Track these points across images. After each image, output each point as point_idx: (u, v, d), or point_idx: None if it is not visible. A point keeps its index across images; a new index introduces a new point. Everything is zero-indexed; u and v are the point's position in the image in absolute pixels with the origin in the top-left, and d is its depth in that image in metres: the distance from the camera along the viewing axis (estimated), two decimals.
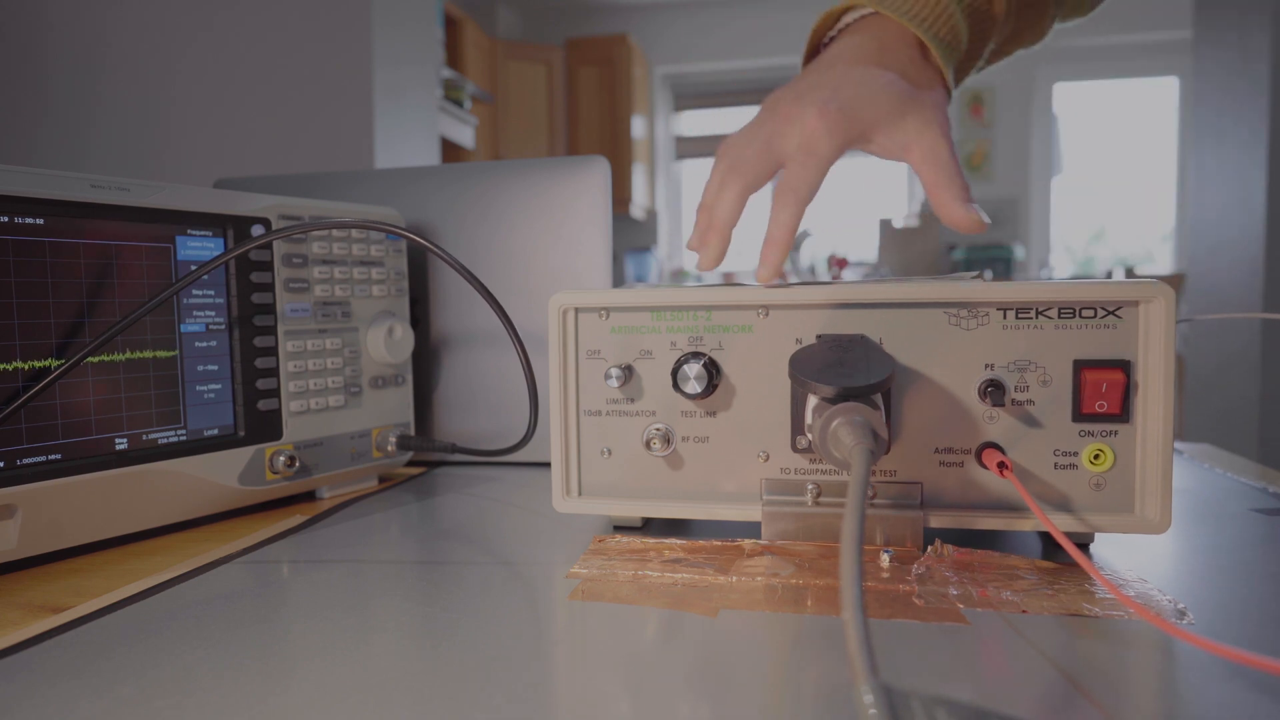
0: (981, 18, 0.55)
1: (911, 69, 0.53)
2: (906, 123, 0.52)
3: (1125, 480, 0.46)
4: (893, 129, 0.52)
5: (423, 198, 0.76)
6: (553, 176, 0.74)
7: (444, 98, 3.58)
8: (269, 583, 0.45)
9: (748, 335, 0.49)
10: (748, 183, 0.53)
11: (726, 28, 5.24)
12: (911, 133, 0.52)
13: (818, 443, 0.41)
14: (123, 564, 0.49)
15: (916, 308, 0.47)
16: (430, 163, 2.30)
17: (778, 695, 0.32)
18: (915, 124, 0.52)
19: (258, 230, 0.58)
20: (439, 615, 0.40)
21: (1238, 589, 0.42)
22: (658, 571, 0.45)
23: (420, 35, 2.21)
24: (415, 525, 0.56)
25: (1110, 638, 0.36)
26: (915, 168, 0.52)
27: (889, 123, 0.52)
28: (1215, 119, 2.49)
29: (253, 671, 0.34)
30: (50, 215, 0.48)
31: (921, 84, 0.53)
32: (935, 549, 0.46)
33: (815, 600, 0.41)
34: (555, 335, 0.51)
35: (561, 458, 0.51)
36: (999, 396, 0.46)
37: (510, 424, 0.75)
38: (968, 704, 0.24)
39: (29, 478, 0.46)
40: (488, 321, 0.75)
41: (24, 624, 0.40)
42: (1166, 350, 0.44)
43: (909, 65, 0.53)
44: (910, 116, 0.52)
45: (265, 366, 0.59)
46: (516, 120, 4.79)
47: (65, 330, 0.48)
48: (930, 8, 0.53)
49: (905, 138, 0.52)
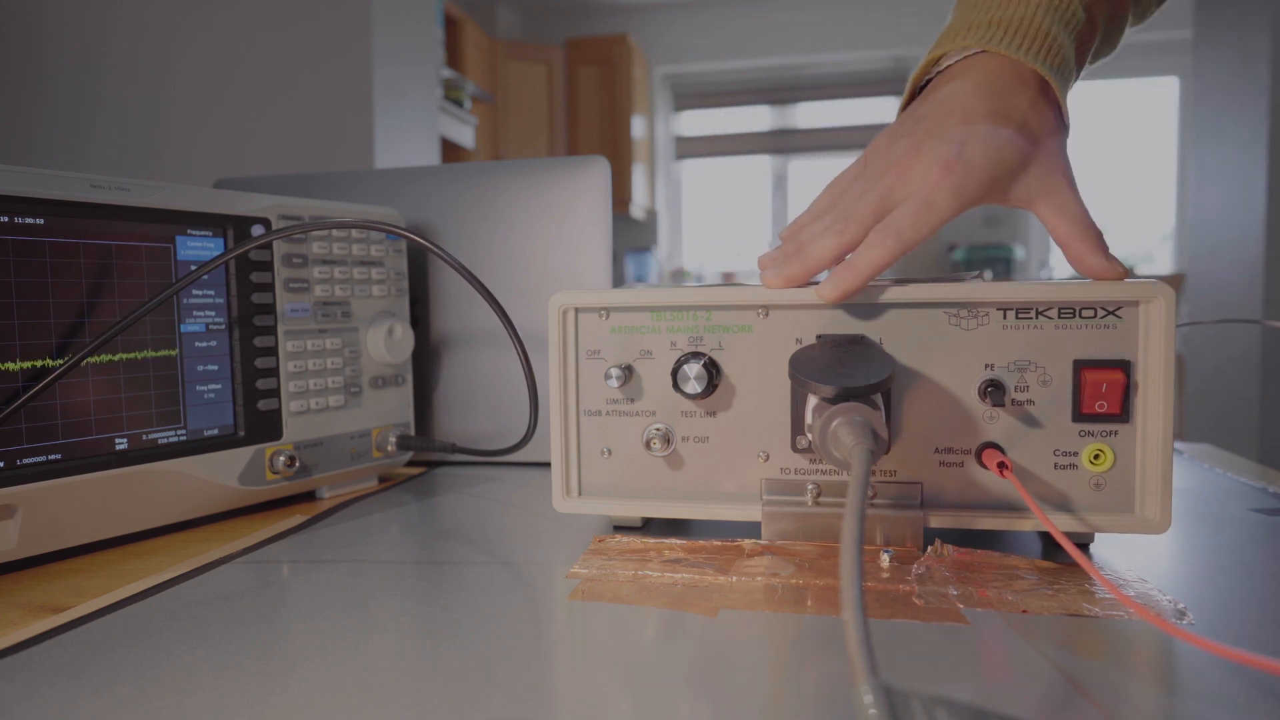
0: (1083, 38, 0.53)
1: (1031, 113, 0.50)
2: (1029, 176, 0.49)
3: (1125, 480, 0.46)
4: (1016, 183, 0.49)
5: (423, 198, 0.76)
6: (553, 176, 0.74)
7: (444, 98, 3.58)
8: (269, 583, 0.45)
9: (748, 335, 0.49)
10: (854, 237, 0.49)
11: (726, 28, 5.24)
12: (1035, 186, 0.49)
13: (818, 443, 0.41)
14: (123, 564, 0.49)
15: (916, 308, 0.47)
16: (430, 163, 2.30)
17: (778, 695, 0.32)
18: (1038, 175, 0.49)
19: (258, 230, 0.58)
20: (439, 615, 0.40)
21: (1238, 589, 0.42)
22: (658, 571, 0.45)
23: (420, 35, 2.21)
24: (415, 525, 0.56)
25: (1110, 638, 0.36)
26: (1043, 220, 0.50)
27: (1011, 178, 0.49)
28: (1215, 119, 2.49)
29: (253, 671, 0.34)
30: (50, 215, 0.48)
31: (1042, 130, 0.50)
32: (935, 549, 0.46)
33: (815, 600, 0.41)
34: (555, 335, 0.51)
35: (561, 458, 0.51)
36: (999, 396, 0.46)
37: (510, 424, 0.75)
38: (968, 704, 0.24)
39: (29, 478, 0.46)
40: (488, 321, 0.75)
41: (24, 624, 0.40)
42: (1166, 350, 0.44)
43: (1029, 110, 0.50)
44: (1033, 168, 0.49)
45: (265, 366, 0.59)
46: (516, 120, 4.79)
47: (65, 330, 0.48)
48: (1040, 39, 0.50)
49: (1029, 192, 0.50)
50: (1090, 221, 0.49)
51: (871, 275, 0.46)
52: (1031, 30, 0.51)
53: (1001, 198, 0.50)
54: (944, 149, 0.48)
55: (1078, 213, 0.49)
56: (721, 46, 5.30)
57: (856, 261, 0.47)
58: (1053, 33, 0.51)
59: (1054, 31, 0.51)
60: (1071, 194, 0.49)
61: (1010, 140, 0.49)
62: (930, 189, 0.47)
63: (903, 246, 0.47)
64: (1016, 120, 0.49)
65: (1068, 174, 0.50)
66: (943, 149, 0.48)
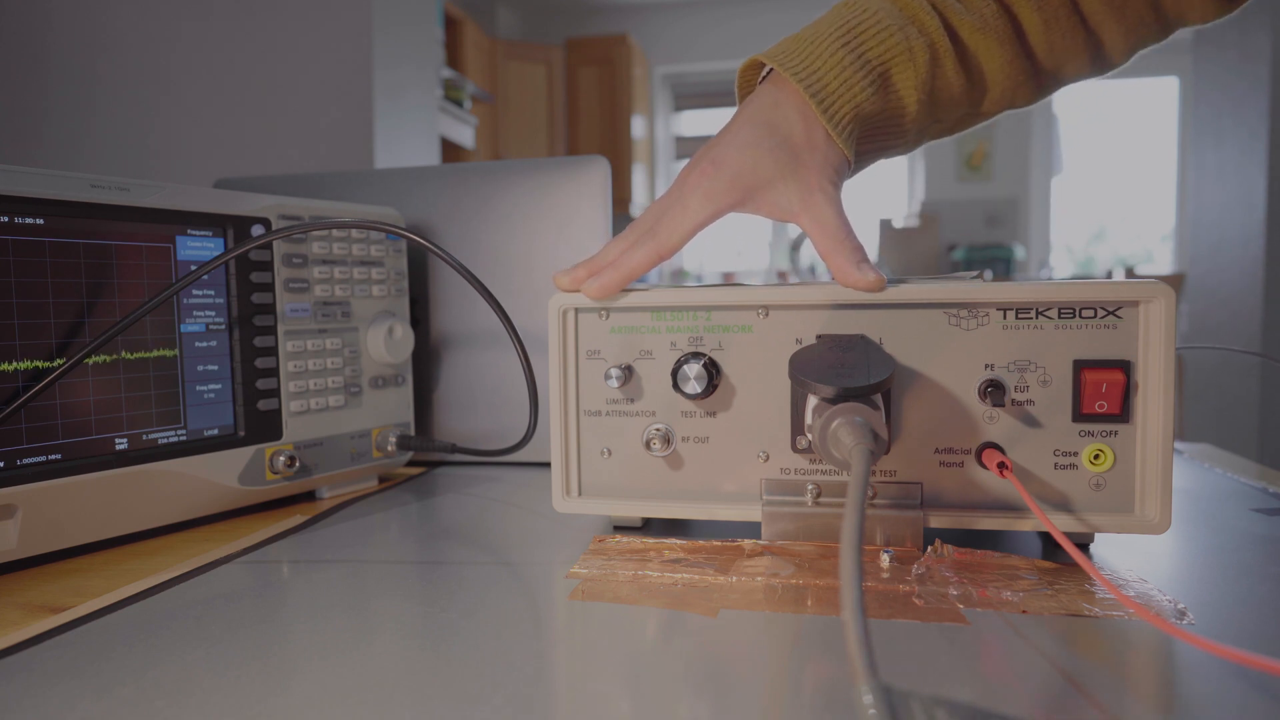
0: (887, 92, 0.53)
1: (802, 134, 0.51)
2: (789, 187, 0.50)
3: (1125, 480, 0.46)
4: (774, 194, 0.51)
5: (423, 198, 0.76)
6: (553, 176, 0.74)
7: (444, 98, 3.58)
8: (269, 583, 0.45)
9: (748, 335, 0.49)
10: (631, 243, 0.51)
11: (726, 27, 5.24)
12: (795, 199, 0.50)
13: (818, 443, 0.41)
14: (123, 564, 0.49)
15: (916, 308, 0.47)
16: (430, 163, 2.30)
17: (778, 695, 0.32)
18: (798, 189, 0.50)
19: (258, 230, 0.58)
20: (439, 615, 0.40)
21: (1238, 589, 0.42)
22: (658, 571, 0.45)
23: (420, 35, 2.21)
24: (415, 525, 0.56)
25: (1110, 638, 0.36)
26: (806, 233, 0.51)
27: (769, 188, 0.50)
28: (1215, 119, 2.49)
29: (253, 671, 0.34)
30: (50, 215, 0.48)
31: (809, 151, 0.51)
32: (935, 549, 0.46)
33: (815, 600, 0.41)
34: (555, 335, 0.51)
35: (561, 458, 0.51)
36: (999, 396, 0.46)
37: (510, 424, 0.75)
38: (968, 704, 0.24)
39: (29, 478, 0.46)
40: (488, 321, 0.75)
41: (24, 624, 0.40)
42: (1166, 350, 0.44)
43: (800, 131, 0.51)
44: (792, 181, 0.50)
45: (265, 366, 0.59)
46: (516, 120, 4.79)
47: (65, 330, 0.48)
48: (827, 70, 0.51)
49: (790, 204, 0.51)
50: (850, 235, 0.50)
51: (630, 275, 0.50)
52: (819, 61, 0.52)
53: (762, 207, 0.52)
54: (712, 153, 0.52)
55: (836, 225, 0.50)
56: (721, 46, 5.30)
57: (620, 261, 0.50)
58: (846, 73, 0.52)
59: (847, 71, 0.52)
60: (832, 210, 0.50)
61: (769, 152, 0.51)
62: (686, 192, 0.51)
63: (659, 248, 0.50)
64: (782, 136, 0.51)
65: (830, 195, 0.51)
66: (711, 153, 0.52)
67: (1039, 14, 0.55)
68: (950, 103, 0.56)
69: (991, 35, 0.54)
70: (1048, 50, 0.56)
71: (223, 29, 1.89)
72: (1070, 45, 0.56)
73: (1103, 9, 0.55)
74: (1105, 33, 0.56)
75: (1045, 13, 0.55)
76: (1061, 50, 0.56)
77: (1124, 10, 0.55)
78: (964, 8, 0.54)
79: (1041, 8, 0.54)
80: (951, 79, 0.54)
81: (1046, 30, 0.55)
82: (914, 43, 0.53)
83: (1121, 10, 0.55)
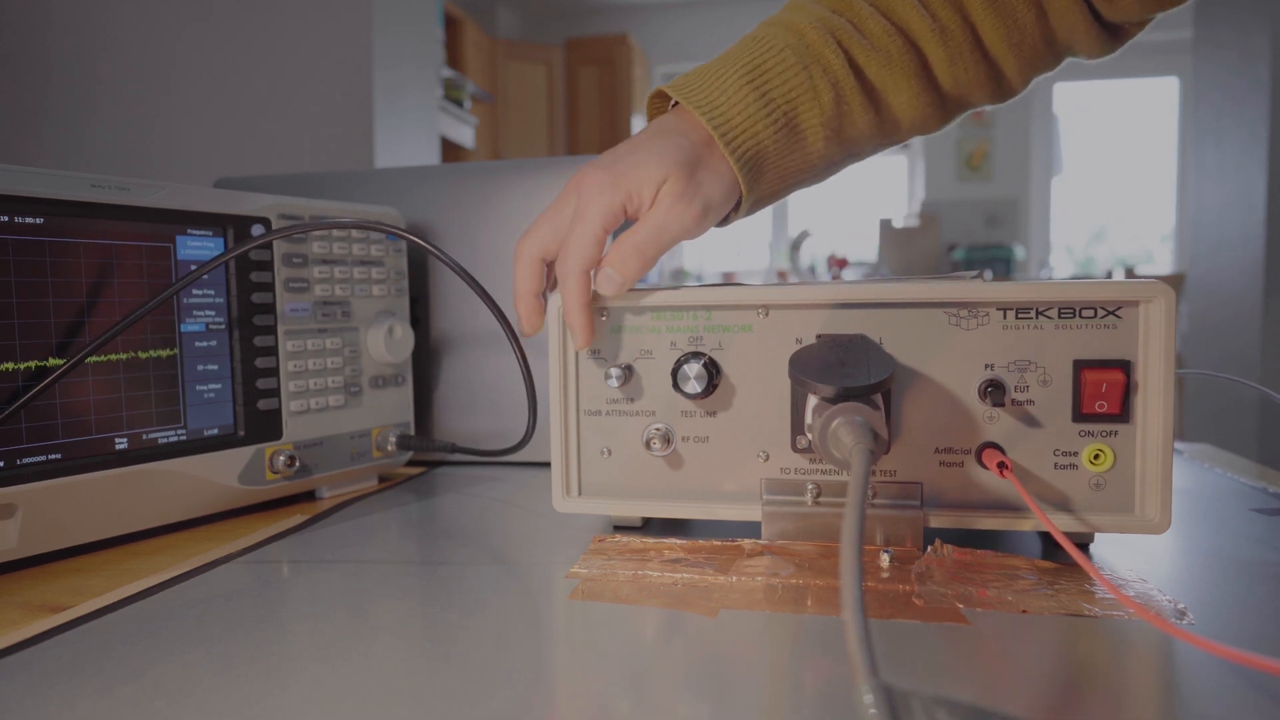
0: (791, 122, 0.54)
1: (705, 150, 0.51)
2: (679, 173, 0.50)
3: (1125, 480, 0.46)
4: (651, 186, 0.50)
5: (423, 198, 0.76)
6: (553, 176, 0.74)
7: (444, 97, 3.58)
8: (269, 583, 0.45)
9: (748, 335, 0.49)
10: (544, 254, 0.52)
11: (726, 27, 5.24)
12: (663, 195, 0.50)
13: (818, 443, 0.41)
14: (123, 564, 0.49)
15: (916, 308, 0.47)
16: (430, 163, 2.30)
17: (778, 695, 0.32)
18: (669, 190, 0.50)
19: (258, 230, 0.58)
20: (439, 615, 0.40)
21: (1238, 589, 0.42)
22: (658, 571, 0.45)
23: (420, 35, 2.21)
24: (415, 525, 0.56)
25: (1110, 638, 0.36)
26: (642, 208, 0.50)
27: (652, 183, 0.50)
28: (1215, 119, 2.49)
29: (253, 671, 0.34)
30: (50, 215, 0.48)
31: (708, 157, 0.51)
32: (935, 549, 0.46)
33: (815, 600, 0.41)
34: (555, 335, 0.51)
35: (561, 458, 0.51)
36: (999, 396, 0.46)
37: (510, 424, 0.75)
38: (968, 704, 0.24)
39: (29, 478, 0.46)
40: (488, 321, 0.75)
41: (24, 624, 0.40)
42: (1166, 350, 0.44)
43: (702, 146, 0.51)
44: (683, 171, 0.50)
45: (265, 366, 0.59)
46: (516, 120, 4.79)
47: (65, 330, 0.48)
48: (730, 106, 0.52)
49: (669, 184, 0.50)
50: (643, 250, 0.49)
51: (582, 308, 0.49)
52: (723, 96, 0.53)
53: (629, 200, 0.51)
54: (604, 158, 0.52)
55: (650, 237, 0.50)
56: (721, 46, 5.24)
57: (566, 305, 0.49)
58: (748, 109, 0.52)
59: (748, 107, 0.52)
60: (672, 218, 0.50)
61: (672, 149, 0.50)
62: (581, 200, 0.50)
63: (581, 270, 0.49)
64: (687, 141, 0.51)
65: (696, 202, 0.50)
66: (603, 159, 0.52)
67: (944, 49, 0.55)
68: (859, 138, 0.57)
69: (898, 70, 0.55)
70: (953, 83, 0.57)
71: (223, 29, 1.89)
72: (974, 77, 0.57)
73: (1002, 44, 0.56)
74: (1005, 65, 0.57)
75: (950, 48, 0.55)
76: (966, 82, 0.57)
77: (1021, 45, 0.56)
78: (870, 44, 0.55)
79: (946, 43, 0.55)
80: (858, 116, 0.55)
81: (951, 64, 0.56)
82: (818, 82, 0.54)
83: (1019, 45, 0.56)
